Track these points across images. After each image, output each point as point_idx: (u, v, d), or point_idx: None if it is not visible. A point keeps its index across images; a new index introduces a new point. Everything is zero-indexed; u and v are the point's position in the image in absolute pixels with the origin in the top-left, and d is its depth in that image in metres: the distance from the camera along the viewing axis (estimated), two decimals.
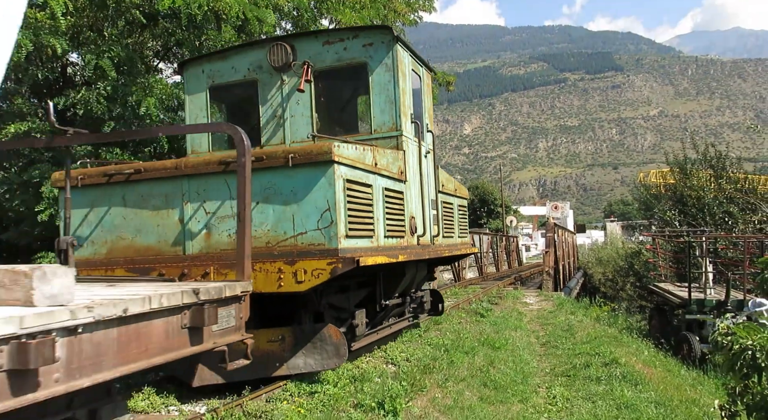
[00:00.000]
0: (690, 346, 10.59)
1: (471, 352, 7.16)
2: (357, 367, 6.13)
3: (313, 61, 6.46)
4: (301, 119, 6.56)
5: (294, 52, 6.57)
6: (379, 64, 6.45)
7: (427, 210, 7.12)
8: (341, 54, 6.55)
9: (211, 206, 5.16)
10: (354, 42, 6.56)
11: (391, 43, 6.44)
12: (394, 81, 6.39)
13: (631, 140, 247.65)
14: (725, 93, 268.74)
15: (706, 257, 12.35)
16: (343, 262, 4.87)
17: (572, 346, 8.23)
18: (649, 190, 23.49)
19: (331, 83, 7.09)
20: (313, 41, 6.64)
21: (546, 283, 14.95)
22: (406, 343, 7.73)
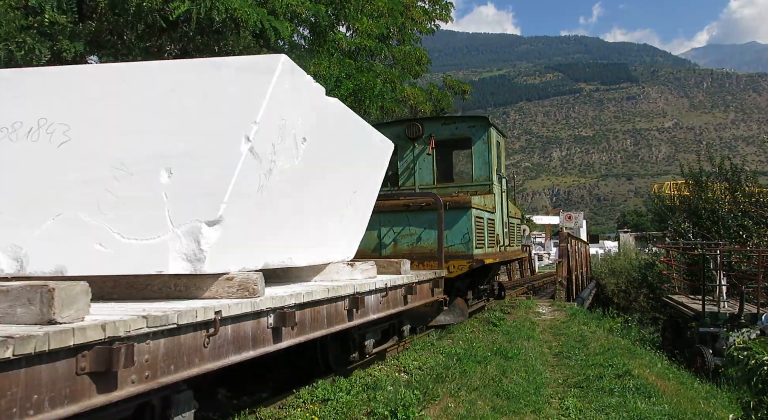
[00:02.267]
0: (703, 358, 10.45)
1: (483, 361, 7.13)
2: (370, 375, 6.14)
3: (435, 135, 10.08)
4: (426, 171, 10.16)
5: (423, 128, 10.13)
6: (478, 139, 10.10)
7: (504, 229, 10.92)
8: (454, 131, 10.29)
9: (397, 229, 8.86)
10: (463, 124, 10.29)
11: (487, 126, 10.12)
12: (488, 150, 10.04)
13: (646, 151, 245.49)
14: (740, 106, 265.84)
15: (720, 270, 12.21)
16: (476, 261, 8.81)
17: (585, 357, 8.16)
18: (664, 201, 23.28)
19: (446, 149, 10.79)
20: (435, 122, 10.53)
21: (559, 293, 14.84)
22: (418, 351, 7.72)
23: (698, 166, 19.93)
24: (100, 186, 3.54)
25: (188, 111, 3.65)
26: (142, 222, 3.44)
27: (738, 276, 13.60)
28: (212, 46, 10.24)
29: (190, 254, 3.39)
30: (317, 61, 11.59)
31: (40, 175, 3.62)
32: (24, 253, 3.47)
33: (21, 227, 3.50)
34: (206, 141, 3.55)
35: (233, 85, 3.67)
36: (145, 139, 3.60)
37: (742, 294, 11.19)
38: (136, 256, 3.40)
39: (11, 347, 1.99)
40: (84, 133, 3.69)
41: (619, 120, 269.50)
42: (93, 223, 3.48)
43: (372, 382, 5.70)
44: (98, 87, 3.86)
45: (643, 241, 37.32)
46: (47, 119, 3.73)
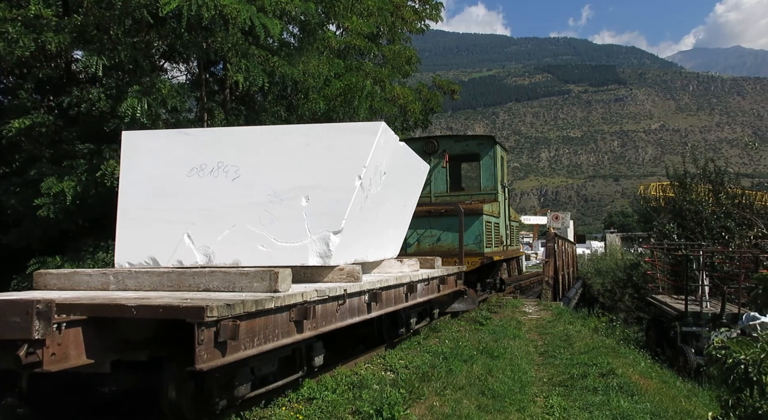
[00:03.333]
0: (686, 357, 10.58)
1: (469, 360, 7.16)
2: (356, 374, 6.15)
3: (448, 150, 11.79)
4: (440, 181, 11.80)
5: (438, 144, 11.82)
6: (486, 155, 11.86)
7: (507, 231, 12.91)
8: (465, 147, 12.11)
9: (420, 231, 10.20)
10: (472, 142, 12.24)
11: (493, 144, 11.92)
12: (494, 164, 11.83)
13: (632, 153, 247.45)
14: (725, 109, 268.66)
15: (702, 271, 12.35)
16: (486, 258, 10.72)
17: (570, 356, 8.22)
18: (649, 202, 23.49)
19: (458, 163, 12.45)
20: (449, 139, 12.36)
21: (545, 293, 14.92)
22: (405, 350, 7.74)
23: (683, 167, 20.14)
24: (261, 207, 5.41)
25: (318, 158, 5.51)
26: (289, 231, 5.33)
27: (720, 276, 13.77)
28: (200, 42, 10.17)
29: (322, 253, 5.30)
30: (306, 59, 11.57)
31: (220, 199, 5.50)
32: (211, 251, 5.40)
33: (208, 234, 5.42)
34: (331, 178, 5.42)
35: (349, 140, 5.57)
36: (290, 176, 5.48)
37: (723, 294, 11.35)
38: (285, 254, 5.27)
39: (263, 305, 3.90)
40: (249, 172, 5.57)
41: (607, 121, 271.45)
42: (256, 232, 5.37)
43: (358, 380, 5.70)
44: (258, 141, 5.78)
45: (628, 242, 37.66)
46: (224, 162, 5.65)
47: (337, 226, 5.28)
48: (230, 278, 4.53)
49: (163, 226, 5.55)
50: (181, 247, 5.46)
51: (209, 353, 3.43)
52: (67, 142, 10.50)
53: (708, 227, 17.18)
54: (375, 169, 5.73)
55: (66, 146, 10.43)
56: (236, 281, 4.51)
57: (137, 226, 5.63)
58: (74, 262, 9.42)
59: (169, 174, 5.74)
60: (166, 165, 5.78)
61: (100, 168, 9.12)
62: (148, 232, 5.56)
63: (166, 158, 5.81)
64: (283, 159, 5.58)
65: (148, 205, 5.66)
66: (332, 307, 5.00)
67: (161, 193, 5.67)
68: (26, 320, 3.15)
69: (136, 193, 5.76)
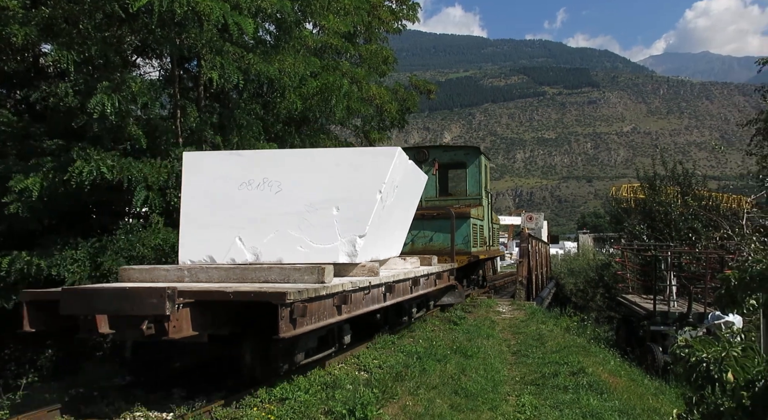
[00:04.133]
0: (653, 356, 10.81)
1: (443, 359, 7.21)
2: (329, 374, 6.14)
3: (438, 159, 13.03)
4: (430, 187, 12.30)
5: (428, 153, 13.09)
6: (472, 164, 13.19)
7: (489, 233, 14.42)
8: (452, 157, 13.49)
9: (414, 232, 10.57)
10: (459, 151, 13.69)
11: (478, 154, 13.31)
12: (479, 172, 13.17)
13: (605, 155, 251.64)
14: (693, 113, 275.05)
15: (670, 271, 12.64)
16: (473, 257, 12.13)
17: (542, 355, 8.34)
18: (620, 204, 23.94)
19: (446, 170, 13.86)
20: (438, 149, 13.85)
21: (519, 293, 15.07)
22: (379, 350, 7.75)
23: (653, 170, 20.57)
24: (299, 216, 6.72)
25: (346, 175, 6.86)
26: (323, 235, 6.63)
27: (687, 276, 14.12)
28: (173, 38, 10.00)
29: (350, 252, 6.60)
30: (282, 57, 11.47)
31: (265, 209, 6.80)
32: (259, 251, 6.69)
33: (256, 237, 6.72)
34: (357, 192, 6.76)
35: (371, 161, 7.01)
36: (323, 190, 6.79)
37: (690, 294, 11.62)
38: (320, 253, 6.55)
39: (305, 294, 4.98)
40: (289, 186, 6.90)
41: (581, 123, 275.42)
42: (296, 236, 6.67)
43: (331, 380, 5.69)
44: (296, 161, 7.18)
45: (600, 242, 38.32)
46: (268, 178, 6.97)
47: (362, 231, 6.65)
48: (285, 272, 5.98)
49: (218, 230, 6.83)
50: (234, 247, 6.78)
51: (286, 326, 4.79)
52: (34, 138, 10.22)
53: (676, 228, 17.60)
54: (391, 185, 7.15)
55: (33, 142, 10.16)
56: (290, 275, 5.93)
57: (197, 231, 6.90)
58: (43, 259, 9.19)
59: (222, 188, 7.04)
60: (220, 180, 7.09)
61: (68, 169, 8.89)
62: (206, 235, 6.85)
63: (220, 174, 7.13)
64: (317, 176, 6.92)
65: (206, 213, 6.96)
66: (360, 296, 6.45)
67: (216, 203, 6.98)
68: (161, 301, 4.50)
69: (195, 203, 7.04)
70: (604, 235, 38.75)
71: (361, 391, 5.26)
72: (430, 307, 10.58)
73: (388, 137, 17.27)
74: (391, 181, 7.06)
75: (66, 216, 10.57)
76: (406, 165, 7.73)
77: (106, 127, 9.53)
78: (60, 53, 9.00)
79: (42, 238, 9.93)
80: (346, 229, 6.61)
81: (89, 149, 9.30)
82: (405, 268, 8.68)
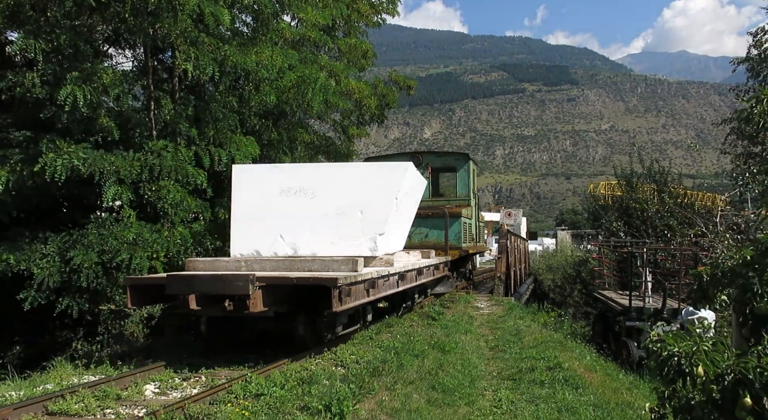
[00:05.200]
0: (629, 351, 11.01)
1: (421, 355, 7.24)
2: (305, 369, 6.12)
3: (431, 164, 14.59)
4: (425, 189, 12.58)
5: (422, 158, 14.51)
6: (462, 168, 14.73)
7: (476, 231, 16.27)
8: (444, 162, 15.14)
9: (411, 229, 10.62)
10: (450, 157, 15.40)
11: (467, 159, 14.91)
12: (467, 176, 14.71)
13: (584, 152, 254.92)
14: (670, 112, 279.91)
15: (646, 267, 12.86)
16: (463, 251, 13.66)
17: (519, 350, 8.43)
18: (598, 201, 24.25)
19: (438, 174, 15.33)
20: (431, 155, 15.42)
21: (497, 289, 15.22)
22: (356, 345, 7.75)
23: (630, 167, 20.88)
24: (330, 217, 8.33)
25: (368, 184, 8.63)
26: (349, 233, 8.25)
27: (663, 273, 14.39)
28: (147, 28, 9.81)
29: (371, 247, 8.21)
30: (259, 49, 11.36)
31: (302, 212, 8.41)
32: (296, 246, 8.26)
33: (294, 234, 8.29)
34: (377, 198, 8.48)
35: (389, 173, 8.86)
36: (350, 196, 8.46)
37: (664, 290, 11.86)
38: (347, 248, 8.15)
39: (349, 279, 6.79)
40: (322, 193, 8.54)
41: (560, 121, 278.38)
42: (327, 233, 8.21)
43: (308, 376, 5.67)
44: (327, 172, 9.14)
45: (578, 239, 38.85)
46: (304, 187, 8.60)
47: (381, 230, 8.37)
48: (326, 263, 7.52)
49: (263, 229, 8.43)
50: (276, 243, 8.42)
51: (337, 303, 6.45)
52: (0, 129, 9.96)
53: (652, 225, 17.92)
54: (403, 192, 8.93)
55: None
56: (330, 265, 7.48)
57: (245, 229, 8.50)
58: (11, 253, 8.96)
59: (265, 194, 8.72)
60: (263, 188, 8.77)
61: (37, 161, 8.67)
62: (253, 233, 8.45)
63: (264, 183, 8.84)
64: (345, 185, 8.68)
65: (252, 215, 8.57)
66: (382, 282, 8.13)
67: (261, 207, 8.62)
68: (245, 284, 6.34)
69: (243, 207, 8.70)
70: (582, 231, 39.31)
71: (338, 386, 5.25)
72: (427, 294, 12.28)
73: (367, 133, 17.23)
74: (404, 188, 8.96)
75: (35, 209, 10.33)
76: (413, 174, 9.65)
77: (77, 119, 9.32)
78: (27, 42, 8.76)
79: (9, 232, 9.69)
80: (369, 228, 8.31)
81: (59, 141, 9.09)
82: (410, 260, 10.06)
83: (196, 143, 11.07)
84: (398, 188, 8.67)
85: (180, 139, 11.15)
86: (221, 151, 11.01)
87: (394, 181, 8.74)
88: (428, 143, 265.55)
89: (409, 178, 9.11)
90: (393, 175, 8.81)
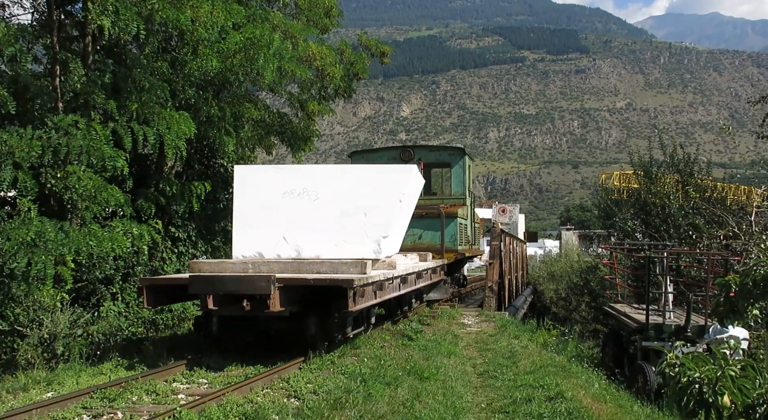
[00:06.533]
0: (645, 377, 11.21)
1: (394, 382, 7.27)
2: (250, 402, 6.09)
3: (423, 159, 15.51)
4: None
5: (414, 153, 15.78)
6: (456, 164, 16.00)
7: (472, 232, 17.57)
8: (437, 157, 16.66)
9: None
10: (444, 152, 17.20)
11: (463, 154, 16.17)
12: (463, 172, 15.94)
13: (595, 135, 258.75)
14: (699, 87, 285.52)
15: (666, 275, 13.06)
16: (459, 254, 15.40)
17: (514, 376, 8.54)
18: (611, 194, 24.56)
19: (431, 170, 16.62)
20: (423, 149, 16.99)
21: (488, 301, 15.38)
22: (314, 372, 7.76)
23: (649, 154, 21.14)
24: (334, 220, 9.98)
25: (373, 187, 10.32)
26: (353, 236, 9.92)
27: (687, 282, 14.68)
28: None
29: (375, 250, 9.85)
30: (196, 3, 11.19)
31: (306, 214, 10.01)
32: (300, 248, 9.92)
33: (298, 236, 9.95)
34: (381, 201, 10.18)
35: (393, 177, 10.71)
36: (354, 199, 10.12)
37: (689, 303, 12.09)
38: (351, 250, 9.74)
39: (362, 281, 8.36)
40: (325, 195, 10.12)
41: (566, 97, 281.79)
42: (331, 236, 9.90)
43: (252, 411, 5.65)
44: (331, 175, 11.02)
45: (587, 241, 39.51)
46: (307, 188, 10.14)
47: (386, 233, 10.03)
48: (335, 265, 8.87)
49: (266, 230, 9.98)
50: (280, 245, 9.95)
51: (352, 303, 7.91)
52: None
53: (674, 225, 18.22)
54: (407, 194, 10.66)
55: None
56: (338, 267, 8.82)
57: (248, 231, 10.05)
58: None
59: (268, 195, 10.23)
60: (266, 189, 10.30)
61: None
62: (255, 235, 9.99)
63: (266, 184, 10.39)
64: (349, 187, 10.30)
65: (255, 217, 10.12)
66: (387, 284, 9.57)
67: (263, 208, 10.14)
68: (268, 284, 7.73)
69: (245, 208, 10.26)
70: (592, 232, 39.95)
71: None
72: (423, 300, 13.83)
73: (331, 110, 17.15)
74: (408, 191, 10.70)
75: None
76: (415, 176, 11.29)
77: None
78: None
79: None
80: (373, 231, 9.93)
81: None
82: (408, 262, 11.38)
83: (114, 119, 10.89)
84: (402, 191, 10.45)
85: (94, 114, 10.96)
86: (147, 129, 10.87)
87: (398, 184, 10.52)
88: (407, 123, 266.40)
89: (411, 180, 10.94)
90: (397, 178, 10.66)
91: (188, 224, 13.80)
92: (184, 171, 14.41)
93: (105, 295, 11.54)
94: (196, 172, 14.43)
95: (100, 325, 10.63)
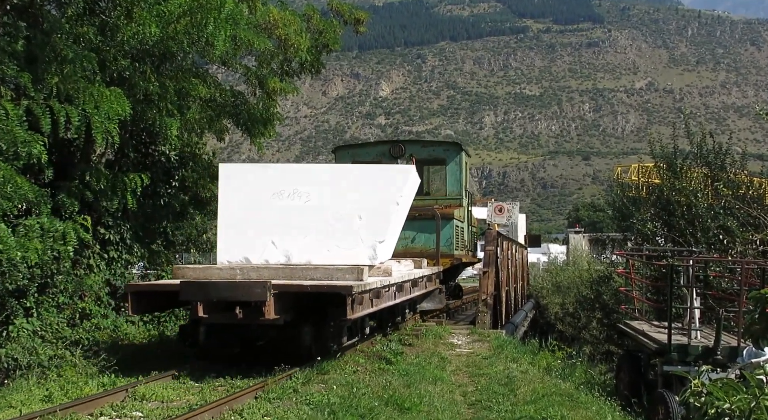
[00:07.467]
0: (667, 408, 11.29)
1: (368, 414, 7.30)
2: None
3: (415, 155, 16.62)
4: None
5: (405, 149, 17.02)
6: (452, 161, 17.31)
7: (469, 236, 19.56)
8: (431, 153, 17.80)
9: None
10: (439, 148, 18.55)
11: (459, 151, 17.62)
12: (459, 170, 17.26)
13: (609, 121, 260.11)
14: (733, 64, 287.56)
15: (692, 288, 13.12)
16: (456, 260, 16.97)
17: (511, 407, 8.59)
18: (627, 191, 24.60)
19: (424, 167, 17.00)
20: (416, 145, 18.69)
21: (482, 317, 15.41)
22: (273, 402, 7.77)
23: (673, 144, 21.19)
24: (327, 223, 11.29)
25: (368, 188, 11.70)
26: (347, 240, 11.24)
27: (717, 296, 14.77)
28: None
29: (370, 256, 11.14)
30: None
31: (296, 216, 11.32)
32: (290, 253, 11.22)
33: (288, 241, 11.27)
34: (378, 203, 11.57)
35: (391, 177, 12.19)
36: (348, 201, 11.45)
37: (719, 320, 12.17)
38: (345, 256, 11.02)
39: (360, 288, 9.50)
40: (317, 197, 11.44)
41: (576, 75, 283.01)
42: (323, 240, 11.21)
43: None
44: (323, 175, 12.29)
45: (599, 246, 39.75)
46: (298, 189, 11.45)
47: (382, 238, 11.12)
48: (329, 272, 9.92)
49: (253, 234, 11.10)
50: (268, 250, 11.04)
51: (350, 310, 8.82)
52: None
53: (703, 227, 18.30)
54: (404, 196, 11.71)
55: None
56: (333, 274, 9.85)
57: (234, 235, 11.17)
58: None
59: (256, 196, 11.32)
60: (253, 190, 11.41)
61: None
62: (242, 238, 11.12)
63: (253, 185, 11.51)
64: (343, 189, 11.39)
65: (241, 219, 11.24)
66: (384, 292, 10.64)
67: (251, 210, 11.24)
68: (263, 290, 8.70)
69: (231, 210, 11.37)
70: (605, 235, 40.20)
71: None
72: (416, 310, 14.91)
73: (296, 88, 17.08)
74: (406, 193, 11.76)
75: None
76: (413, 178, 12.34)
77: None
78: None
79: None
80: (368, 236, 11.01)
81: None
82: (401, 269, 12.31)
83: (29, 96, 10.78)
84: (400, 193, 11.58)
85: (4, 89, 10.83)
86: (70, 108, 10.75)
87: (395, 186, 11.64)
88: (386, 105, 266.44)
89: (409, 181, 12.01)
90: (394, 180, 11.81)
91: (121, 224, 13.65)
92: (116, 160, 14.28)
93: (16, 311, 11.36)
94: (131, 162, 14.31)
95: (10, 347, 10.48)
